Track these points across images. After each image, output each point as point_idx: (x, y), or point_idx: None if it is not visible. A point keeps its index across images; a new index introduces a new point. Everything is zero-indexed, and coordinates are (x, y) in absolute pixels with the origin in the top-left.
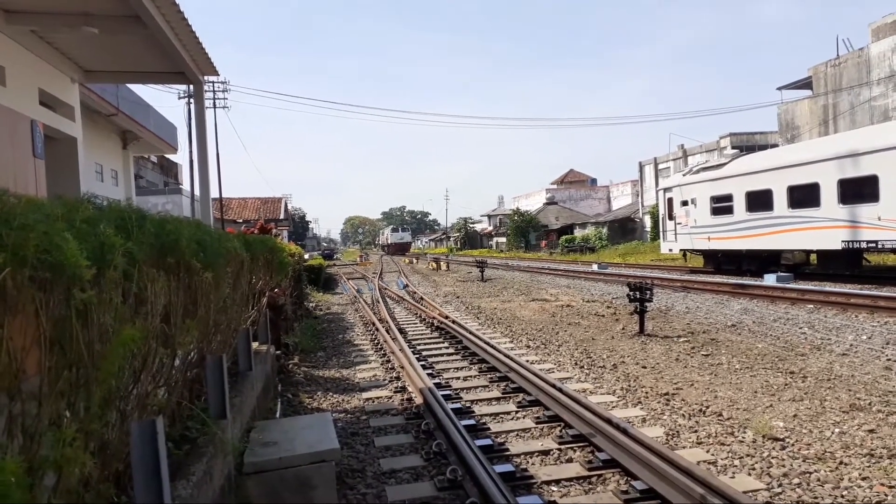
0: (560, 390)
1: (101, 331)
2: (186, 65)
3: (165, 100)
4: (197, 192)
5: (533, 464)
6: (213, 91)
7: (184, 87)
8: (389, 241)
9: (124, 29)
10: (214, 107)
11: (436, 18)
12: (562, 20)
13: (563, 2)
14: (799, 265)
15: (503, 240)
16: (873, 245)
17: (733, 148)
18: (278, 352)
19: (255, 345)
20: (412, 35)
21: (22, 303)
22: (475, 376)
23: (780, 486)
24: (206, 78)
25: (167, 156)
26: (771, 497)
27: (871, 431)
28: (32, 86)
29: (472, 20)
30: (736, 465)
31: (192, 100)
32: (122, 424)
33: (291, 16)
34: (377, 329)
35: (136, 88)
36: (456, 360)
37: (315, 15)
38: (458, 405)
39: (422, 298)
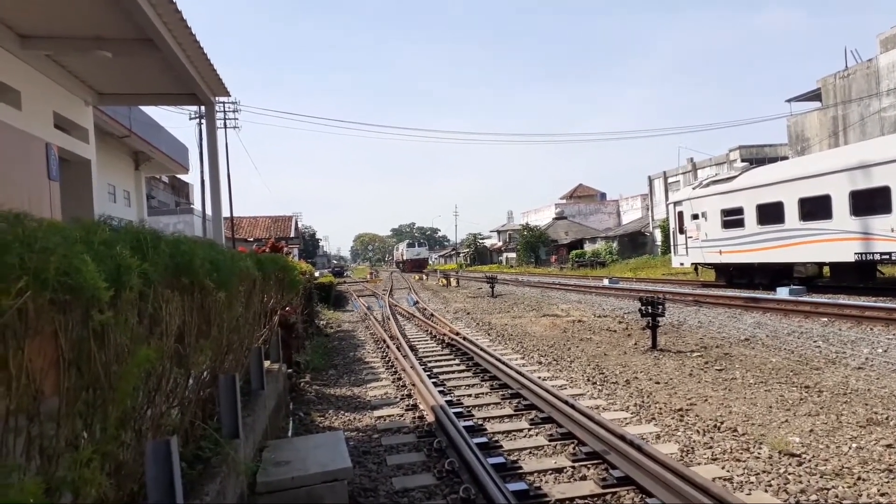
0: (573, 407)
1: (118, 352)
2: (198, 86)
3: (176, 120)
4: (209, 211)
5: (546, 482)
6: (224, 111)
7: (195, 108)
8: (405, 258)
9: (137, 52)
10: (225, 127)
11: (437, 33)
12: (563, 33)
13: (564, 15)
14: (812, 278)
15: (513, 255)
16: (887, 257)
17: (743, 161)
18: (290, 370)
19: (266, 363)
20: (416, 50)
21: (42, 325)
22: (487, 393)
23: (797, 502)
24: (217, 98)
25: (178, 176)
26: None
27: (889, 446)
28: (47, 109)
29: (473, 34)
30: (752, 482)
31: (203, 120)
32: (137, 445)
33: (294, 34)
34: (388, 346)
35: (148, 110)
36: (467, 377)
37: (315, 25)
38: (470, 423)
39: (432, 315)
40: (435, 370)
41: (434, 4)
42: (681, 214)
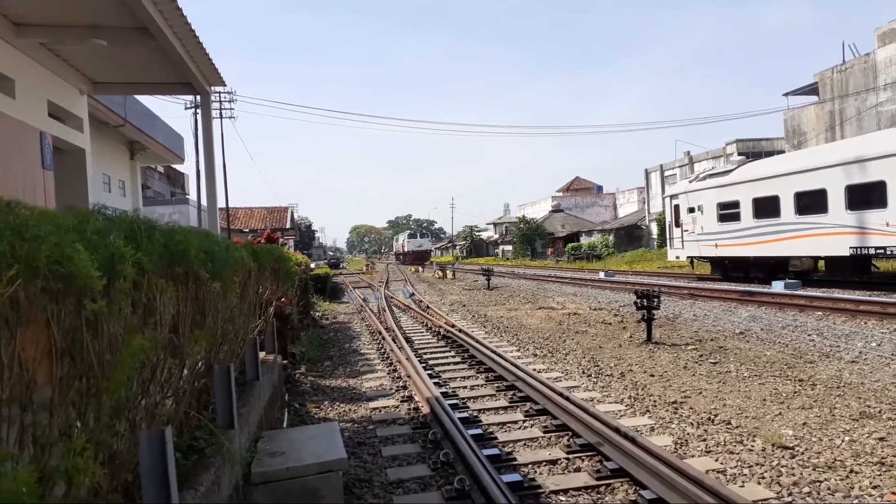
0: (567, 399)
1: (112, 341)
2: (194, 76)
3: (172, 110)
4: (204, 202)
5: (541, 473)
6: (220, 101)
7: (190, 97)
8: (406, 250)
9: (132, 41)
10: (221, 117)
11: (435, 27)
12: (564, 27)
13: (565, 8)
14: (807, 272)
15: (509, 248)
16: (882, 251)
17: (739, 154)
18: (285, 361)
19: (261, 354)
20: (413, 43)
21: (34, 313)
22: (482, 385)
23: (790, 494)
24: (212, 88)
25: (174, 166)
26: None
27: (882, 439)
28: (42, 98)
29: (471, 26)
30: (745, 474)
31: (198, 110)
32: (131, 434)
33: (292, 25)
34: (383, 338)
35: (143, 99)
36: (463, 368)
37: (314, 17)
38: (465, 414)
39: (428, 307)
40: (430, 362)
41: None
42: (677, 208)
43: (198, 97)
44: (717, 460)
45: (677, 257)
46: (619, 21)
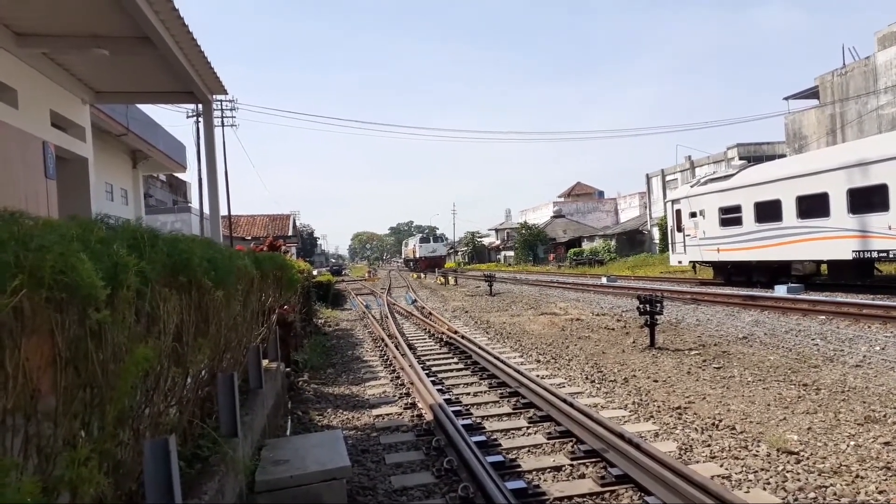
0: (571, 405)
1: (115, 350)
2: (196, 84)
3: (173, 118)
4: (206, 210)
5: (545, 480)
6: (221, 109)
7: (192, 106)
8: (418, 255)
9: (134, 50)
10: (223, 125)
11: (435, 30)
12: (565, 31)
13: (566, 13)
14: (809, 276)
15: (511, 253)
16: (885, 254)
17: (741, 159)
18: (288, 369)
19: (265, 362)
20: (413, 47)
21: (38, 323)
22: (485, 392)
23: (795, 500)
24: (214, 96)
25: (176, 174)
26: None
27: (887, 444)
28: (44, 107)
29: (471, 32)
30: (751, 480)
31: (200, 119)
32: (135, 444)
33: (294, 32)
34: (386, 345)
35: (145, 108)
36: (466, 375)
37: (316, 23)
38: (468, 421)
39: (430, 313)
40: (433, 369)
41: (435, 3)
42: (679, 212)
43: (199, 105)
44: (721, 466)
45: (679, 262)
46: (623, 25)
